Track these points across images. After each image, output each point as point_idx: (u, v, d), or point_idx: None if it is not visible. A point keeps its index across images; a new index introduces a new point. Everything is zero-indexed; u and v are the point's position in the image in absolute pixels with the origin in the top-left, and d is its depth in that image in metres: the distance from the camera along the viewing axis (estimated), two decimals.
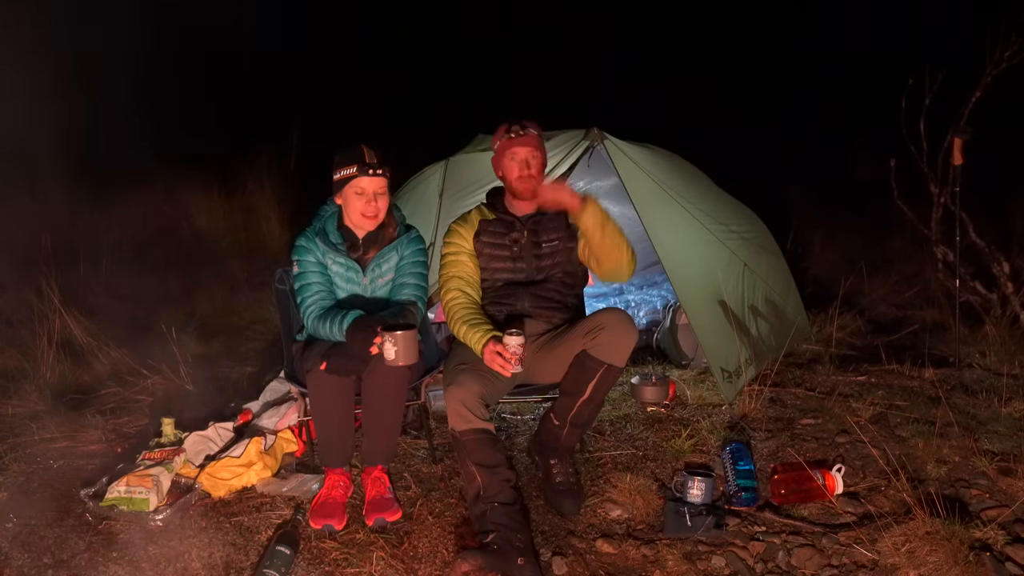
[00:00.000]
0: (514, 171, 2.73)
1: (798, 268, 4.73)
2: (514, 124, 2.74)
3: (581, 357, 2.52)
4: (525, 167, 2.72)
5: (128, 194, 6.91)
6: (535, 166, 2.74)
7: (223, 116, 9.36)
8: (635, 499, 2.61)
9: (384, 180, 2.62)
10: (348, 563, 2.27)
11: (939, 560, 2.17)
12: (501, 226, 2.81)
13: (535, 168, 2.74)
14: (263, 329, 4.71)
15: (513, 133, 2.73)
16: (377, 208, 2.63)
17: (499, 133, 2.78)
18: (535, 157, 2.73)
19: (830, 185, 7.79)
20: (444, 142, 4.46)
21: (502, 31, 13.30)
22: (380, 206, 2.64)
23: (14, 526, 2.46)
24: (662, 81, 11.52)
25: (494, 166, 2.83)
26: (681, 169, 4.05)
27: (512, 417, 3.36)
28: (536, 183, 2.75)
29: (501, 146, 2.75)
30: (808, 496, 2.57)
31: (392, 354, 2.37)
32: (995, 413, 3.22)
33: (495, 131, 2.81)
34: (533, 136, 2.73)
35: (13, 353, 3.82)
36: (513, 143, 2.72)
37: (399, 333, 2.37)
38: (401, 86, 12.26)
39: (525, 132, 2.72)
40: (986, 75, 3.99)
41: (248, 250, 6.55)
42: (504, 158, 2.75)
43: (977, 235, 4.06)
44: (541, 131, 2.80)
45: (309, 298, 2.64)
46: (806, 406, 3.40)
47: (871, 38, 10.62)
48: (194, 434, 2.82)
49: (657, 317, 4.56)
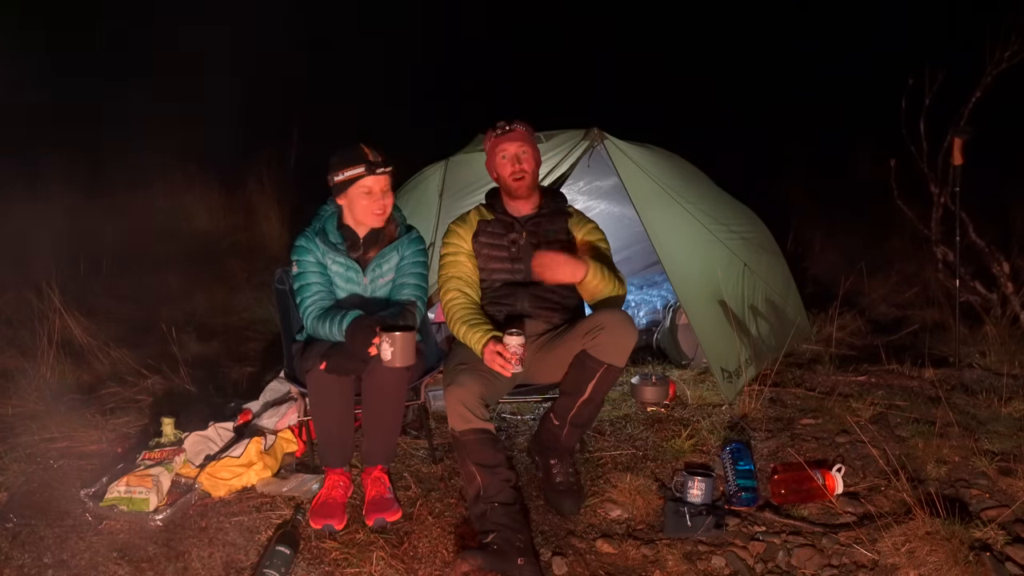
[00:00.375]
0: (506, 168, 2.75)
1: (798, 268, 4.73)
2: (499, 122, 2.76)
3: (581, 357, 2.52)
4: (516, 162, 2.73)
5: (128, 194, 6.92)
6: (527, 160, 2.74)
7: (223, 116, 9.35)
8: (635, 499, 2.61)
9: (389, 178, 2.63)
10: (348, 563, 2.27)
11: (939, 560, 2.17)
12: (500, 227, 2.81)
13: (527, 163, 2.74)
14: (263, 329, 4.71)
15: (500, 130, 2.75)
16: (384, 205, 2.64)
17: (488, 134, 2.81)
18: (525, 152, 2.74)
19: (830, 185, 7.79)
20: (444, 142, 4.46)
21: (502, 31, 13.30)
22: (387, 203, 2.65)
23: (14, 526, 2.46)
24: (662, 81, 11.51)
25: (488, 169, 2.84)
26: (681, 169, 4.05)
27: (512, 417, 3.36)
28: (530, 179, 2.76)
29: (491, 145, 2.77)
30: (808, 496, 2.57)
31: (389, 355, 2.37)
32: (995, 413, 3.22)
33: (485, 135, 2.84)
34: (520, 131, 2.75)
35: (13, 353, 3.82)
36: (501, 140, 2.74)
37: (397, 334, 2.37)
38: (401, 86, 12.26)
39: (512, 128, 2.74)
40: (986, 75, 4.00)
41: (248, 250, 6.56)
42: (495, 157, 2.77)
43: (977, 235, 4.06)
44: (530, 128, 2.82)
45: (308, 298, 2.64)
46: (806, 406, 3.40)
47: (871, 38, 10.63)
48: (194, 434, 2.82)
49: (657, 317, 4.56)
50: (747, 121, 10.20)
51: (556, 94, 10.21)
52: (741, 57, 11.91)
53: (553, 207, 2.86)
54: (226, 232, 6.84)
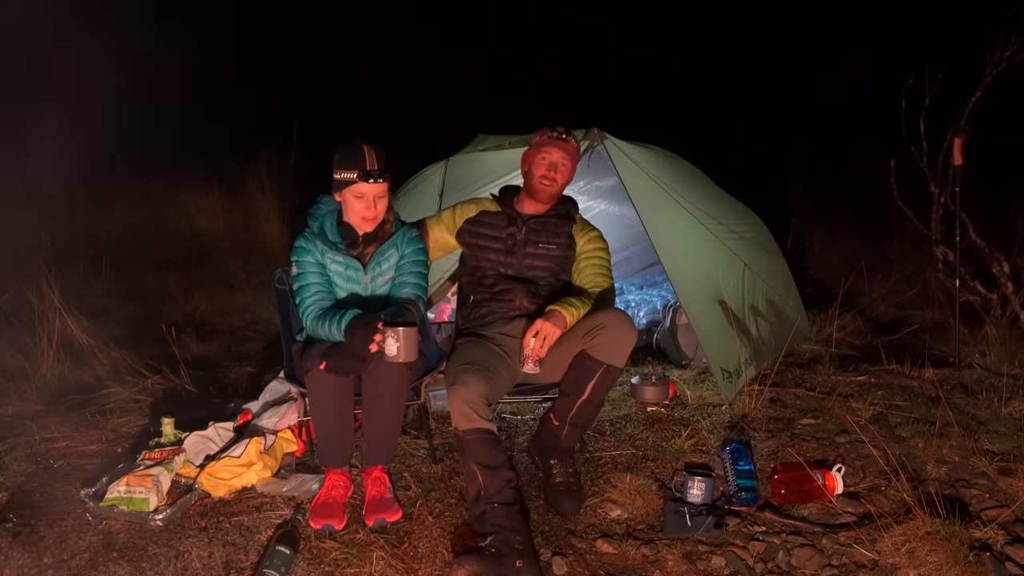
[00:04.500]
0: (540, 169, 2.80)
1: (798, 268, 4.73)
2: (560, 127, 2.82)
3: (580, 357, 2.52)
4: (552, 169, 2.79)
5: (128, 194, 6.92)
6: (562, 173, 2.81)
7: (223, 115, 9.36)
8: (635, 499, 2.61)
9: (385, 186, 2.63)
10: (348, 563, 2.27)
11: (939, 560, 2.17)
12: (502, 219, 2.86)
13: (561, 175, 2.81)
14: (263, 329, 4.71)
15: (556, 134, 2.80)
16: (376, 212, 2.64)
17: (542, 130, 2.85)
18: (565, 165, 2.81)
19: (830, 185, 7.80)
20: (444, 142, 4.46)
21: (502, 31, 13.30)
22: (380, 209, 2.65)
23: (14, 526, 2.46)
24: (663, 81, 11.52)
25: (524, 159, 2.89)
26: (681, 169, 4.05)
27: (512, 417, 3.36)
28: (556, 189, 2.82)
29: (540, 142, 2.82)
30: (808, 496, 2.57)
31: (395, 350, 2.37)
32: (995, 413, 3.22)
33: (535, 130, 2.88)
34: (572, 145, 2.82)
35: (13, 353, 3.82)
36: (552, 143, 2.79)
37: (401, 329, 2.37)
38: (401, 86, 12.26)
39: (567, 138, 2.81)
40: (986, 75, 4.00)
41: (248, 250, 6.55)
42: (537, 154, 2.81)
43: (977, 235, 4.06)
44: (579, 146, 2.88)
45: (308, 299, 2.64)
46: (806, 406, 3.40)
47: (871, 37, 10.63)
48: (194, 434, 2.82)
49: (657, 317, 4.56)
50: (747, 121, 10.20)
51: (556, 94, 10.22)
52: (741, 57, 11.91)
53: (561, 211, 2.89)
54: (226, 232, 6.83)
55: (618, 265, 4.73)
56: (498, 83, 11.64)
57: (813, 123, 9.41)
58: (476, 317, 2.85)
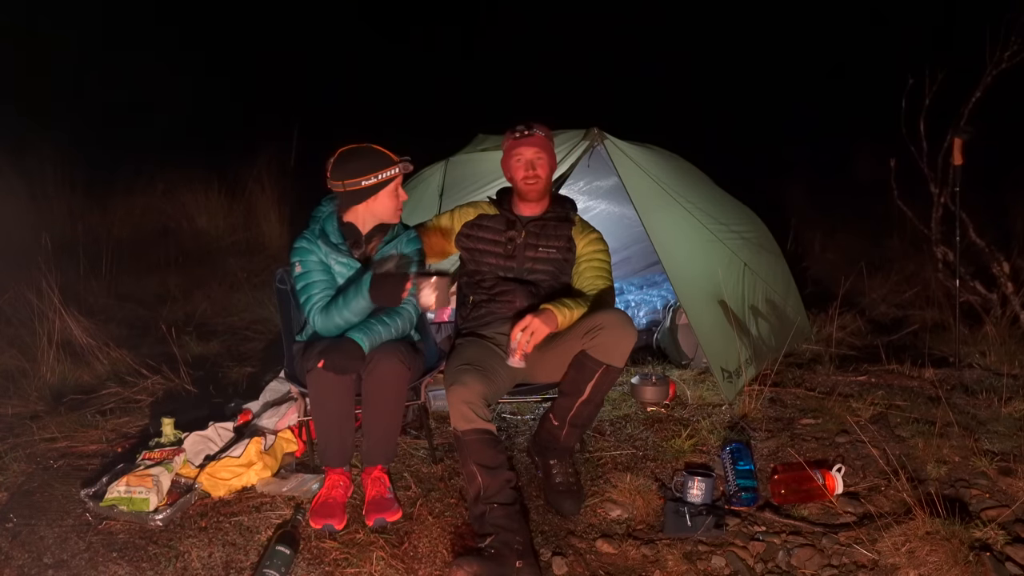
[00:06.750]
0: (519, 171, 2.77)
1: (798, 268, 4.73)
2: (520, 125, 2.77)
3: (580, 357, 2.52)
4: (530, 168, 2.74)
5: (128, 194, 6.92)
6: (541, 167, 2.75)
7: (223, 115, 9.36)
8: (635, 499, 2.61)
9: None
10: (348, 563, 2.27)
11: (939, 560, 2.17)
12: (501, 222, 2.84)
13: (541, 169, 2.76)
14: (263, 329, 4.71)
15: (519, 133, 2.75)
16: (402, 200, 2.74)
17: (506, 135, 2.81)
18: (540, 158, 2.75)
19: (830, 185, 7.80)
20: (444, 142, 4.46)
21: (502, 31, 13.30)
22: (403, 197, 2.74)
23: (14, 526, 2.46)
24: (663, 81, 11.51)
25: (503, 168, 2.86)
26: (681, 169, 4.06)
27: (512, 417, 3.36)
28: (543, 185, 2.78)
29: (508, 147, 2.79)
30: (808, 496, 2.57)
31: (432, 299, 2.41)
32: (995, 413, 3.22)
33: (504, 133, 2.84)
34: (539, 137, 2.75)
35: (13, 353, 3.82)
36: (519, 143, 2.74)
37: (434, 277, 2.41)
38: (400, 85, 12.26)
39: (531, 132, 2.74)
40: (986, 75, 3.99)
41: (248, 250, 6.55)
42: (511, 159, 2.78)
43: (977, 235, 4.06)
44: (549, 133, 2.82)
45: (316, 295, 2.61)
46: (806, 406, 3.40)
47: (871, 37, 10.63)
48: (194, 434, 2.82)
49: (657, 317, 4.56)
50: (748, 121, 10.20)
51: (556, 94, 10.21)
52: (742, 56, 11.90)
53: (559, 213, 2.87)
54: (226, 232, 6.83)
55: (618, 265, 4.74)
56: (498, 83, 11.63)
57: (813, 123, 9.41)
58: (475, 317, 2.85)
